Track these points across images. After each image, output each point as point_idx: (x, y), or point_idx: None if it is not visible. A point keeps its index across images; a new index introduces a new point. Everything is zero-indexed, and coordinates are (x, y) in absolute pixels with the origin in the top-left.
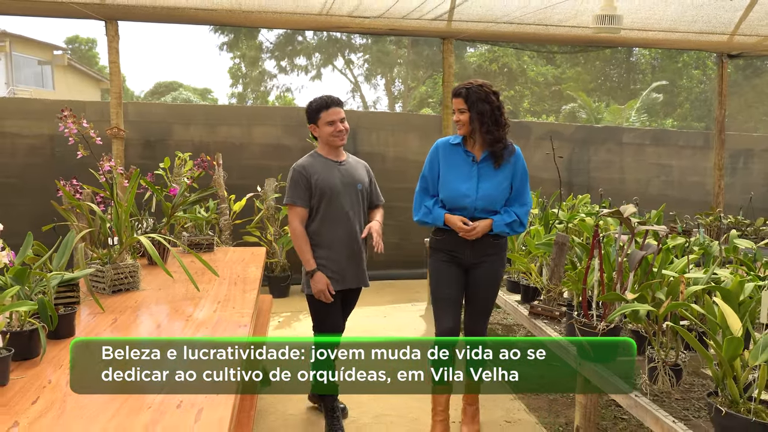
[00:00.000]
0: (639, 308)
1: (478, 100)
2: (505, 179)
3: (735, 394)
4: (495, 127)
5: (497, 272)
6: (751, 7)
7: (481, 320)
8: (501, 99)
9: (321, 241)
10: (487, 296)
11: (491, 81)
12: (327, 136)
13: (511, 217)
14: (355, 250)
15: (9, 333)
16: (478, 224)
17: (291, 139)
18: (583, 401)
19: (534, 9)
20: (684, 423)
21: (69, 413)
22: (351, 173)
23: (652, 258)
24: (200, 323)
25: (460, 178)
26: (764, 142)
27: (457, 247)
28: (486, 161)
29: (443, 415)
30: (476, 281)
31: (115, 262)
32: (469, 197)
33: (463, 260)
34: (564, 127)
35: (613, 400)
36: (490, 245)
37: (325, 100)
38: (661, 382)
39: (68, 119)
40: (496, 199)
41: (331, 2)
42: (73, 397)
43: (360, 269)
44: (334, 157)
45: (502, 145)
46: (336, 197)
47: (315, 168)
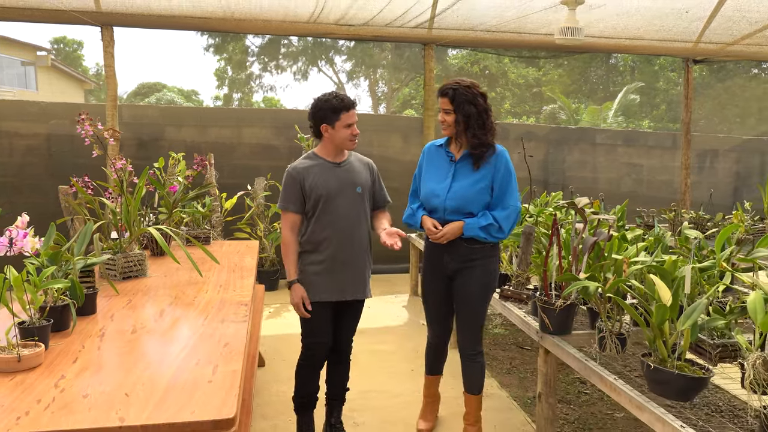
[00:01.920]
0: (588, 285)
1: (464, 102)
2: (483, 180)
3: (664, 354)
4: (481, 131)
5: (479, 283)
6: (711, 18)
7: (469, 336)
8: (488, 101)
9: (316, 246)
10: (470, 311)
11: (456, 79)
12: (342, 139)
13: (487, 219)
14: (353, 257)
15: (47, 307)
16: (446, 228)
17: (279, 140)
18: (544, 370)
19: (509, 19)
20: (622, 379)
21: (105, 369)
22: (350, 175)
23: (603, 243)
24: (206, 303)
25: (436, 178)
26: (729, 142)
27: (434, 252)
28: (464, 161)
29: (435, 396)
30: (458, 293)
31: (125, 252)
32: (439, 197)
33: (445, 268)
34: (540, 128)
35: (577, 377)
36: (468, 251)
37: (344, 100)
38: (608, 349)
39: (86, 122)
40: (469, 199)
41: (319, 11)
42: (107, 358)
43: (359, 278)
44: (333, 158)
45: (485, 149)
46: (332, 201)
47: (310, 171)
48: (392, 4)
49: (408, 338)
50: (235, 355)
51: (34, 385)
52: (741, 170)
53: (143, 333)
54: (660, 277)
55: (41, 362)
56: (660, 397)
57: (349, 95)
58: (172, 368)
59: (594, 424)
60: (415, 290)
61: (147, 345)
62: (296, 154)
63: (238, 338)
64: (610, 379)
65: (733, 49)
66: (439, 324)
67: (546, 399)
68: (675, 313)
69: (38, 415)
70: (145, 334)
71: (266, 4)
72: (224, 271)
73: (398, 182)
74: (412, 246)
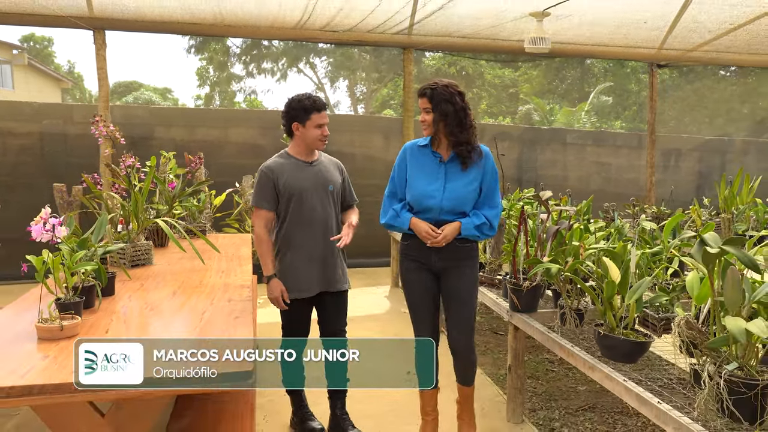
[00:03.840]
0: (551, 266)
1: (442, 101)
2: (474, 180)
3: (613, 324)
4: (458, 129)
5: (470, 281)
6: (673, 27)
7: (464, 334)
8: (466, 100)
9: (290, 244)
10: (464, 309)
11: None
12: (313, 139)
13: (480, 219)
14: (326, 253)
15: (79, 287)
16: (445, 230)
17: (265, 140)
18: (513, 345)
19: (483, 27)
20: (578, 347)
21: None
22: (322, 174)
23: (564, 232)
24: (212, 286)
25: (426, 179)
26: (691, 142)
27: (422, 252)
28: (453, 161)
29: (435, 412)
30: (449, 292)
31: (133, 242)
32: (435, 198)
33: (432, 266)
34: (514, 129)
35: (546, 357)
36: (458, 250)
37: (319, 102)
38: (568, 323)
39: (99, 123)
40: (464, 200)
41: (306, 18)
42: (134, 328)
43: (332, 273)
44: (305, 157)
45: (467, 147)
46: (305, 199)
47: (283, 169)
48: (375, 13)
49: (390, 324)
50: (246, 325)
51: None
52: (703, 169)
53: (160, 310)
54: (612, 259)
55: (78, 332)
56: (610, 360)
57: (321, 98)
58: (193, 335)
59: (559, 396)
60: (396, 282)
61: (166, 319)
62: None
63: (246, 313)
64: (567, 346)
65: (693, 55)
66: (428, 325)
67: (515, 371)
68: (624, 290)
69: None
70: (162, 311)
71: (256, 11)
72: (224, 260)
73: (380, 179)
74: (393, 240)
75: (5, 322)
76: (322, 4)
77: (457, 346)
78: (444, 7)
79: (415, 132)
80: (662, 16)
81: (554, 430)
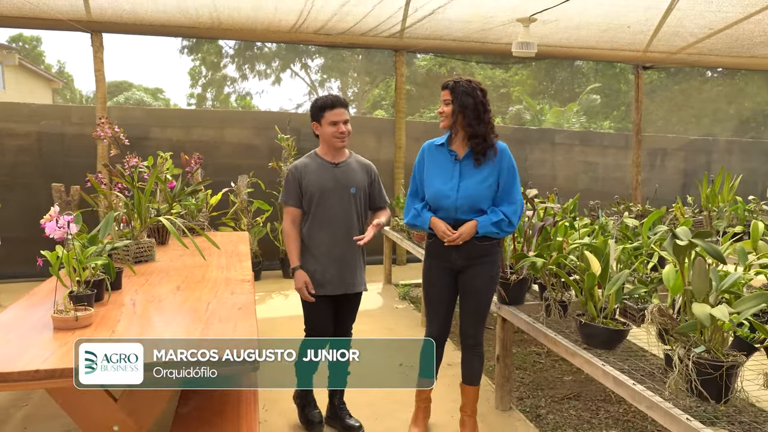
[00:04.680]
0: (536, 260)
1: (463, 93)
2: (490, 176)
3: (593, 313)
4: (476, 122)
5: (487, 276)
6: (657, 31)
7: (472, 326)
8: (487, 98)
9: (310, 243)
10: (477, 303)
11: (439, 84)
12: (329, 136)
13: (497, 216)
14: (344, 253)
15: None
16: (461, 230)
17: (260, 140)
18: (501, 336)
19: (472, 30)
20: (561, 335)
21: (145, 325)
22: (346, 176)
23: (549, 228)
24: (214, 280)
25: (442, 178)
26: (677, 142)
27: (443, 251)
28: (468, 159)
29: (428, 401)
30: (465, 287)
31: (136, 239)
32: (450, 197)
33: (453, 264)
34: (504, 129)
35: (533, 350)
36: (478, 248)
37: (331, 99)
38: (553, 314)
39: (105, 125)
40: (479, 197)
41: (301, 22)
42: (144, 318)
43: (350, 275)
44: (330, 158)
45: (482, 142)
46: (325, 200)
47: (308, 169)
48: (368, 18)
49: (383, 319)
50: (249, 314)
51: (93, 336)
52: (688, 168)
53: (167, 302)
54: (593, 253)
55: (92, 322)
56: (591, 348)
57: (340, 97)
58: (201, 324)
59: (545, 385)
60: (388, 279)
61: (174, 310)
62: (276, 153)
63: (248, 304)
64: (551, 335)
65: (677, 58)
66: (441, 321)
67: (503, 360)
68: (605, 282)
69: None
70: (169, 303)
71: (252, 15)
72: (223, 256)
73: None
74: (386, 239)
75: (21, 315)
76: (317, 9)
77: (465, 338)
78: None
79: (407, 133)
80: (645, 21)
81: (540, 416)
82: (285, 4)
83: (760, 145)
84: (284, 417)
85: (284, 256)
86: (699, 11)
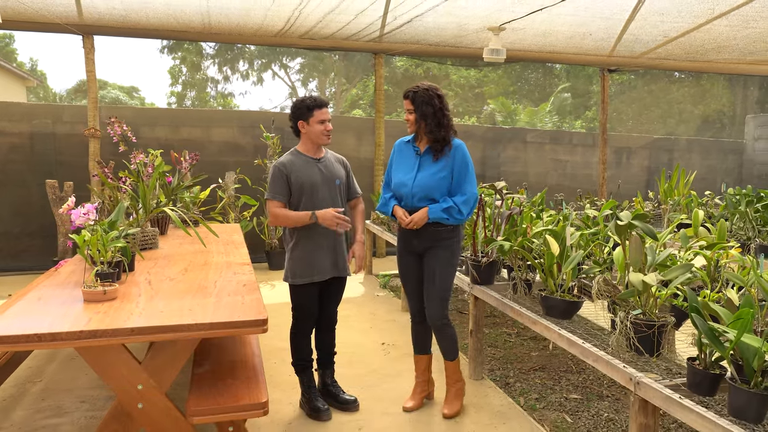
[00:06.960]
0: (504, 243)
1: (422, 103)
2: (443, 169)
3: (552, 288)
4: (437, 128)
5: (444, 259)
6: (620, 36)
7: (433, 304)
8: (445, 102)
9: (302, 235)
10: (436, 283)
11: (418, 83)
12: (317, 134)
13: (447, 204)
14: (336, 241)
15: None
16: (414, 215)
17: (245, 139)
18: (474, 312)
19: (448, 36)
20: (526, 308)
21: (165, 298)
22: (329, 169)
23: (516, 216)
24: (216, 264)
25: (404, 170)
26: (641, 141)
27: (407, 236)
28: (427, 154)
29: (424, 375)
30: (425, 268)
31: (142, 228)
32: (407, 186)
33: (414, 248)
34: (478, 128)
35: (504, 330)
36: (434, 233)
37: (318, 99)
38: (519, 291)
39: (114, 124)
40: (432, 188)
41: (288, 27)
42: (162, 293)
43: (342, 260)
44: (313, 154)
45: (441, 141)
46: (316, 192)
47: (295, 166)
48: (350, 24)
49: (365, 306)
50: (254, 289)
51: (121, 307)
52: (651, 165)
53: (178, 282)
54: (553, 236)
55: (116, 296)
56: (551, 318)
57: (322, 97)
58: (212, 297)
59: (514, 360)
60: (369, 270)
61: (186, 287)
62: (261, 151)
63: (251, 282)
64: (516, 307)
65: (639, 61)
66: (416, 299)
67: (476, 334)
68: (563, 261)
69: (136, 318)
70: (180, 282)
71: (242, 21)
72: (221, 244)
73: (355, 176)
74: (366, 231)
75: (50, 294)
76: (304, 16)
77: (429, 317)
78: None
79: (386, 131)
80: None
81: (509, 384)
82: (275, 11)
83: (719, 144)
84: (289, 384)
85: (270, 249)
86: (653, 22)
